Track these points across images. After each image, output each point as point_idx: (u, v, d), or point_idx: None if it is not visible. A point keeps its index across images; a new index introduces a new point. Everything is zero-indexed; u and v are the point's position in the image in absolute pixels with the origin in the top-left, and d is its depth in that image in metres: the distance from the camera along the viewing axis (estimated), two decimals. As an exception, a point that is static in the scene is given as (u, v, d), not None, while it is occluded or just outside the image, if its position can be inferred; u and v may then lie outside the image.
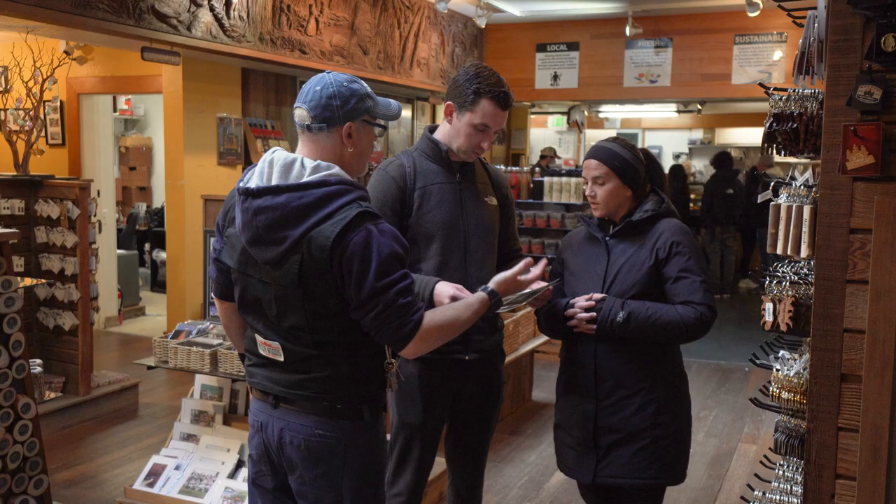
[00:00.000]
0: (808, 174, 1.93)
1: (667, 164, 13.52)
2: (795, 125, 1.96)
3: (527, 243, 7.51)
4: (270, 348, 2.15)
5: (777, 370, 2.06)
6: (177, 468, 3.97)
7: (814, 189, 1.95)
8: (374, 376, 2.14)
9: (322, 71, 7.00)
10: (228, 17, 6.15)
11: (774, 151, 2.07)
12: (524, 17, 9.43)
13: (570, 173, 7.51)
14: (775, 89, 2.03)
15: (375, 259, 1.97)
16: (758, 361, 2.14)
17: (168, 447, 4.10)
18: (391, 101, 2.22)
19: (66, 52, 7.35)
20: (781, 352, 2.13)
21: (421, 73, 8.83)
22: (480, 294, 2.28)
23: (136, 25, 5.39)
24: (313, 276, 2.00)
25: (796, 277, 2.04)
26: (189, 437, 4.09)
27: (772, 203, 1.96)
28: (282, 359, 2.13)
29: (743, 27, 8.68)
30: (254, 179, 2.08)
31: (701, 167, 14.29)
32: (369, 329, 2.04)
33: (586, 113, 11.98)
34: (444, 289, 2.66)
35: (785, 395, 1.99)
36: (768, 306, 1.99)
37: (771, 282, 2.06)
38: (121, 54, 7.15)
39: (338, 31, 7.39)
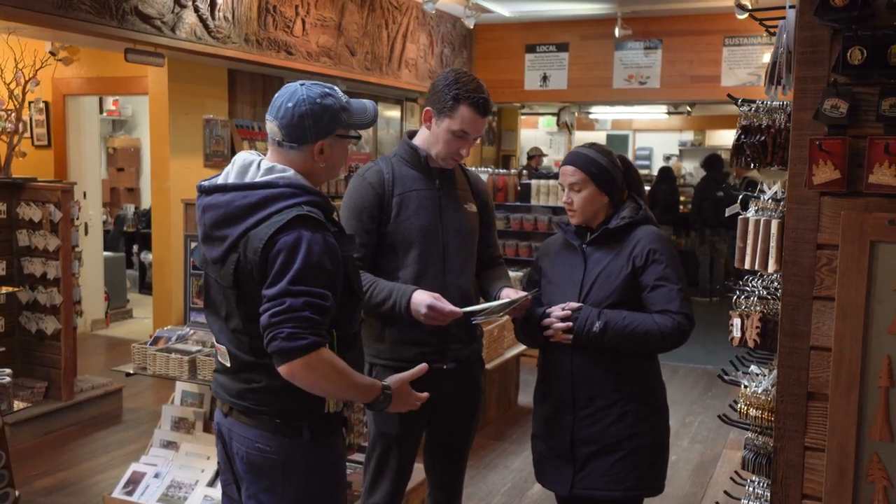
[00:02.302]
0: (777, 187, 1.90)
1: (657, 165, 13.49)
2: (763, 138, 1.93)
3: (514, 246, 7.48)
4: (220, 352, 2.14)
5: (745, 386, 2.02)
6: (156, 476, 3.93)
7: (782, 203, 1.92)
8: (315, 394, 2.05)
9: (309, 72, 6.90)
10: (213, 18, 6.10)
11: (743, 164, 2.04)
12: (513, 17, 9.40)
13: (557, 176, 7.47)
14: (744, 101, 2.00)
15: (299, 262, 1.91)
16: (726, 377, 2.10)
17: (148, 454, 4.07)
18: (366, 104, 2.17)
19: (51, 52, 7.29)
20: (752, 367, 2.09)
21: (409, 73, 8.80)
22: (376, 381, 2.13)
23: (118, 27, 5.34)
24: (247, 277, 1.98)
25: (765, 292, 2.01)
26: (169, 445, 4.06)
27: (740, 217, 1.93)
28: (228, 364, 2.11)
29: (732, 29, 8.66)
30: (219, 179, 2.09)
31: (691, 169, 14.27)
32: (264, 328, 1.92)
33: (576, 114, 11.95)
34: (421, 297, 2.64)
35: (753, 412, 1.95)
36: (736, 322, 1.96)
37: (739, 296, 2.02)
38: (106, 55, 7.09)
39: (325, 31, 7.35)
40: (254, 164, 2.06)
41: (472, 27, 8.92)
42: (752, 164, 2.01)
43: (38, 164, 7.53)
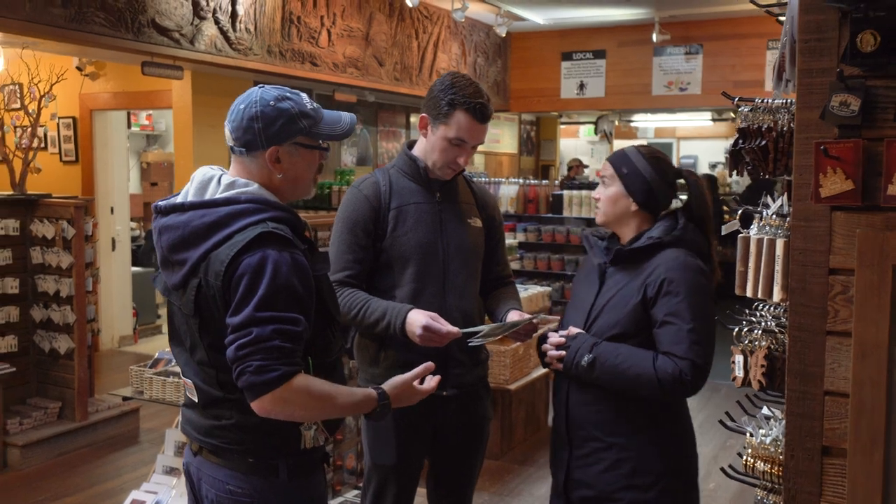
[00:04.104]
0: (783, 200, 1.59)
1: (701, 174, 13.08)
2: (764, 142, 1.63)
3: (546, 259, 7.22)
4: (188, 387, 1.95)
5: (750, 435, 1.70)
6: (156, 504, 3.76)
7: (788, 219, 1.61)
8: (290, 429, 1.87)
9: (335, 83, 6.72)
10: (234, 30, 6.00)
11: (743, 173, 1.74)
12: (548, 24, 9.16)
13: (590, 186, 7.20)
14: (741, 99, 1.70)
15: (265, 286, 1.72)
16: (729, 424, 1.77)
17: (150, 481, 3.90)
18: (342, 115, 1.98)
19: (78, 67, 7.28)
20: (763, 409, 1.76)
21: (441, 84, 8.61)
22: (369, 390, 1.95)
23: (135, 39, 5.25)
24: (209, 304, 1.79)
25: (773, 323, 1.68)
26: (171, 471, 3.89)
27: (740, 235, 1.63)
28: (196, 399, 1.92)
29: (776, 32, 8.26)
30: (178, 198, 1.91)
31: (737, 177, 13.80)
32: (231, 362, 1.74)
33: (616, 122, 11.63)
34: (416, 317, 2.44)
35: (761, 465, 1.62)
36: (738, 359, 1.64)
37: (741, 329, 1.70)
38: (132, 69, 7.03)
39: (351, 42, 7.20)
40: (214, 180, 1.88)
41: (503, 35, 8.70)
42: (761, 174, 1.71)
43: (66, 180, 7.51)
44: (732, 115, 10.72)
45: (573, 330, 2.33)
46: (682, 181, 2.39)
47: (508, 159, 11.05)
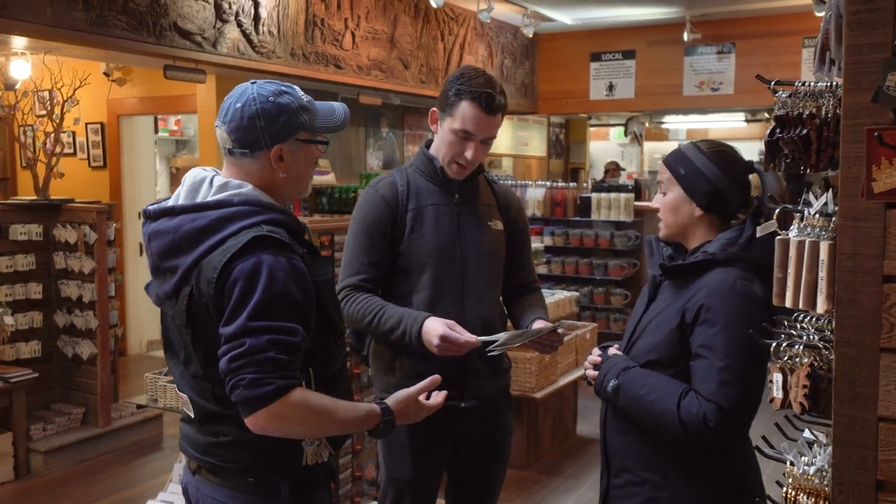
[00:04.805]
0: (828, 197, 1.43)
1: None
2: (805, 131, 1.47)
3: (573, 263, 7.07)
4: (183, 402, 1.86)
5: (791, 464, 1.54)
6: (172, 514, 3.69)
7: (834, 219, 1.41)
8: (290, 445, 1.78)
9: (360, 86, 6.62)
10: (257, 33, 5.93)
11: (781, 167, 1.57)
12: (576, 25, 9.02)
13: (619, 188, 7.03)
14: (778, 83, 1.54)
15: (259, 293, 1.62)
16: (768, 451, 1.58)
17: (166, 491, 3.83)
18: (334, 105, 1.89)
19: (105, 73, 7.27)
20: (805, 432, 1.58)
21: (467, 86, 8.49)
22: (372, 405, 1.84)
23: (156, 43, 5.21)
24: (202, 313, 1.70)
25: (817, 338, 1.51)
26: (189, 480, 3.82)
27: (778, 238, 1.47)
28: (192, 415, 1.83)
29: (812, 29, 8.07)
30: (169, 202, 1.82)
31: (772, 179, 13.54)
32: (224, 374, 1.65)
33: (646, 124, 11.44)
34: (433, 326, 2.34)
35: (803, 499, 1.43)
36: (776, 377, 1.47)
37: (780, 344, 1.52)
38: (158, 74, 7.01)
39: (376, 44, 7.12)
40: (206, 182, 1.80)
41: (530, 36, 8.58)
42: (801, 168, 1.54)
43: (95, 186, 7.51)
44: (766, 115, 10.49)
45: (613, 350, 2.15)
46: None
47: (537, 162, 10.91)
